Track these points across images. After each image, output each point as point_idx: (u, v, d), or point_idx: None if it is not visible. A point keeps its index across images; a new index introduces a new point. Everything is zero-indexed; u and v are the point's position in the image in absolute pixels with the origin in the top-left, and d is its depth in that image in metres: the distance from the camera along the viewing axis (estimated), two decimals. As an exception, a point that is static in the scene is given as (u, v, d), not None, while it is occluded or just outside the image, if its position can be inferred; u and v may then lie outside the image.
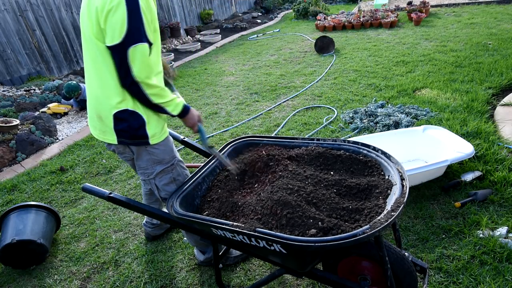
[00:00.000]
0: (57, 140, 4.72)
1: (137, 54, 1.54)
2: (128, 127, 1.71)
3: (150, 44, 1.60)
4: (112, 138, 1.76)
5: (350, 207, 1.50)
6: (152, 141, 1.77)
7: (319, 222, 1.39)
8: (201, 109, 4.97)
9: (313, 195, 1.55)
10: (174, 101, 1.75)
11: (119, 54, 1.54)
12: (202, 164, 1.97)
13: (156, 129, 1.78)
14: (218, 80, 6.19)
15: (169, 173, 1.92)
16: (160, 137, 1.81)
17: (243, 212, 1.59)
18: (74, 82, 5.31)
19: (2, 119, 4.50)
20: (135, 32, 1.52)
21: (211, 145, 1.89)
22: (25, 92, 6.08)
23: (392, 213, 1.30)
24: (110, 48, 1.55)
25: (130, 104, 1.68)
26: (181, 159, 2.00)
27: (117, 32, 1.50)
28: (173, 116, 1.78)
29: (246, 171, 1.92)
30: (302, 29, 9.58)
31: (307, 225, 1.39)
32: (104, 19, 1.51)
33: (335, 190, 1.62)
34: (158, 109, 1.72)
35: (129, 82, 1.59)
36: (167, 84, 2.01)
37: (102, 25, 1.53)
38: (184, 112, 1.81)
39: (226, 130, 4.18)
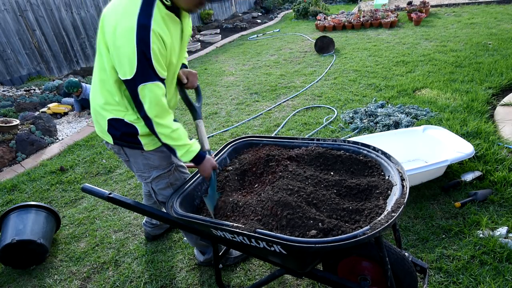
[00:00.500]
0: (57, 140, 4.72)
1: (146, 92, 1.51)
2: (120, 135, 1.71)
3: (162, 80, 1.56)
4: (109, 138, 1.76)
5: (351, 207, 1.50)
6: (146, 147, 1.74)
7: (320, 223, 1.39)
8: (201, 109, 4.96)
9: (313, 196, 1.55)
10: (187, 147, 1.68)
11: (130, 88, 1.53)
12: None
13: (150, 137, 1.73)
14: (218, 80, 6.19)
15: (165, 179, 1.88)
16: (156, 144, 1.76)
17: (243, 212, 1.59)
18: (76, 79, 5.32)
19: (2, 119, 4.50)
20: (145, 71, 1.48)
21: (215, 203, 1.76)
22: (25, 92, 6.08)
23: (393, 214, 1.30)
24: (124, 82, 1.53)
25: (128, 117, 1.67)
26: (181, 163, 1.97)
27: (127, 69, 1.47)
28: (180, 160, 1.73)
29: (246, 171, 1.92)
30: (302, 29, 9.58)
31: (307, 226, 1.39)
32: (113, 49, 1.49)
33: (335, 191, 1.62)
34: (166, 147, 1.68)
35: (142, 116, 1.58)
36: (190, 106, 1.95)
37: (111, 50, 1.50)
38: (196, 161, 1.73)
39: (226, 130, 4.18)
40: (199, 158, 1.72)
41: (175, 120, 1.71)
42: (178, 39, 1.66)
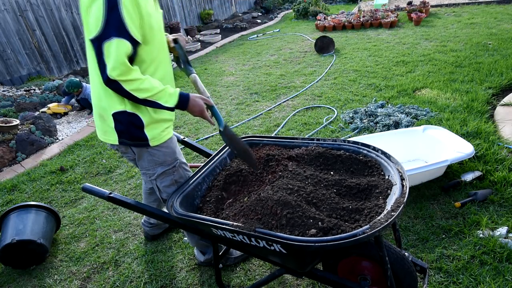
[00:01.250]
0: (57, 140, 4.72)
1: (112, 49, 1.42)
2: (127, 129, 1.67)
3: (135, 43, 1.49)
4: (113, 138, 1.72)
5: (350, 207, 1.50)
6: (152, 143, 1.73)
7: (319, 222, 1.39)
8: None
9: (313, 195, 1.55)
10: (166, 91, 1.59)
11: (96, 48, 1.45)
12: (202, 164, 1.97)
13: (156, 131, 1.72)
14: (218, 80, 6.19)
15: (170, 175, 1.88)
16: (161, 139, 1.76)
17: (243, 212, 1.59)
18: (77, 79, 5.32)
19: (2, 119, 4.50)
20: (112, 26, 1.41)
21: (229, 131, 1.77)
22: (25, 92, 6.09)
23: (392, 213, 1.30)
24: (91, 42, 1.47)
25: (128, 106, 1.64)
26: (184, 161, 1.98)
27: (93, 25, 1.43)
28: (170, 109, 1.62)
29: (247, 171, 1.92)
30: (302, 29, 9.58)
31: (307, 225, 1.39)
32: (86, 13, 1.47)
33: (335, 190, 1.62)
34: (149, 104, 1.58)
35: (105, 80, 1.48)
36: (183, 64, 1.88)
37: (87, 19, 1.48)
38: (183, 102, 1.63)
39: (226, 130, 4.17)
40: (184, 97, 1.63)
41: None
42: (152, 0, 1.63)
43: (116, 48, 1.43)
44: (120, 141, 1.72)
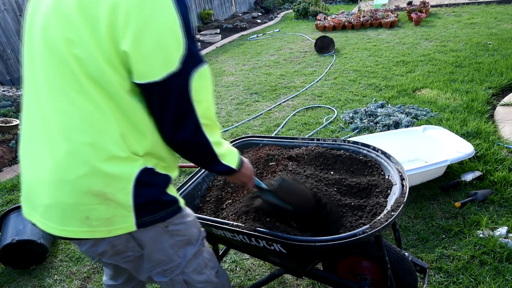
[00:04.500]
0: (57, 140, 4.72)
1: (203, 84, 0.97)
2: (152, 197, 1.03)
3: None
4: (125, 225, 1.00)
5: (353, 203, 1.50)
6: (175, 207, 1.10)
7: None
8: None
9: (315, 191, 1.55)
10: (228, 149, 1.15)
11: (175, 89, 0.92)
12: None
13: (173, 187, 1.13)
14: (218, 80, 6.19)
15: (201, 254, 1.24)
16: (180, 198, 1.14)
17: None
18: None
19: (2, 119, 4.50)
20: (194, 50, 0.94)
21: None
22: (25, 92, 6.09)
23: (392, 213, 1.30)
24: (150, 86, 0.91)
25: (155, 155, 1.05)
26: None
27: (170, 54, 0.90)
28: (229, 173, 1.17)
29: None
30: (302, 29, 9.58)
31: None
32: (135, 36, 0.86)
33: (335, 189, 1.62)
34: (214, 166, 1.11)
35: (186, 137, 0.99)
36: None
37: (126, 45, 0.87)
38: (240, 162, 1.20)
39: (226, 130, 4.18)
40: (240, 160, 1.21)
41: None
42: None
43: (207, 80, 0.99)
44: (139, 224, 1.01)
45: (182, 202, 1.13)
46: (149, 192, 1.01)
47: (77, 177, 0.93)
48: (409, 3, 9.21)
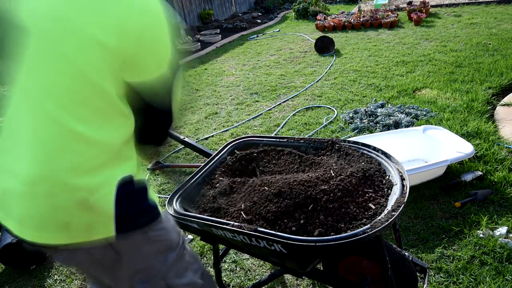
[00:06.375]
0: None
1: (179, 81, 1.09)
2: (130, 204, 1.03)
3: None
4: (103, 231, 0.99)
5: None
6: (161, 209, 1.13)
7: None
8: (201, 109, 4.97)
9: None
10: None
11: (163, 89, 1.04)
12: (202, 164, 1.97)
13: (153, 192, 1.12)
14: (218, 80, 6.19)
15: (182, 258, 1.22)
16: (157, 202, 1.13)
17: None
18: None
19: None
20: (177, 57, 1.08)
21: None
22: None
23: (393, 213, 1.30)
24: (143, 84, 1.01)
25: (134, 163, 1.08)
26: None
27: (160, 56, 1.01)
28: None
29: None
30: (302, 29, 9.58)
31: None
32: (141, 37, 0.95)
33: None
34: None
35: (164, 129, 1.14)
36: None
37: (133, 47, 0.94)
38: None
39: (226, 130, 4.18)
40: None
41: None
42: None
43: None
44: (119, 230, 1.00)
45: (160, 208, 1.12)
46: (130, 199, 1.03)
47: (55, 189, 0.93)
48: (409, 3, 9.21)
